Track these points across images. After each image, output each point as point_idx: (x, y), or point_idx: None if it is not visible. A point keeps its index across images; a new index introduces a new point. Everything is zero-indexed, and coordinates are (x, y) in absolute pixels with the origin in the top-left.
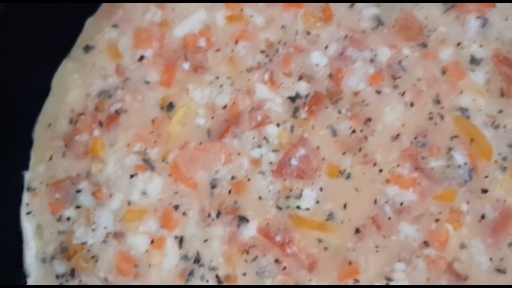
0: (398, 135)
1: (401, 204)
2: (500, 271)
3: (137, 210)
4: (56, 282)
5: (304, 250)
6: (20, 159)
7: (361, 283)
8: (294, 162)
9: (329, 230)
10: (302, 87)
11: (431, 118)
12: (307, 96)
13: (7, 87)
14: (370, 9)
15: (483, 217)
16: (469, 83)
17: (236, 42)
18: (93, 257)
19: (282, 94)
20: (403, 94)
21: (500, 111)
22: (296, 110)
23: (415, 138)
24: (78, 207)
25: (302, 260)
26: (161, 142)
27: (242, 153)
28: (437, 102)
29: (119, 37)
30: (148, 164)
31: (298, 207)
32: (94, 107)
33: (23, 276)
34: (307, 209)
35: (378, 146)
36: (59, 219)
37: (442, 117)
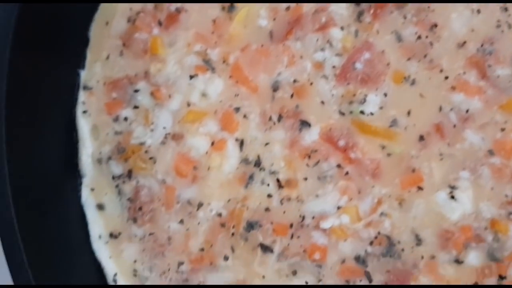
0: (464, 42)
1: (467, 111)
2: None
3: (197, 111)
4: (112, 183)
5: (367, 155)
6: (77, 57)
7: (425, 191)
8: (358, 66)
9: (392, 136)
10: None
11: (498, 26)
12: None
13: None
14: None
15: None
16: None
17: None
18: (151, 158)
19: None
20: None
21: None
22: (360, 14)
23: (482, 45)
24: (136, 107)
25: (366, 165)
26: (222, 43)
27: (304, 56)
28: (505, 10)
29: None
30: (208, 65)
31: (362, 112)
32: (154, 5)
33: (79, 176)
34: (371, 114)
35: (444, 52)
36: (116, 119)
37: (509, 25)
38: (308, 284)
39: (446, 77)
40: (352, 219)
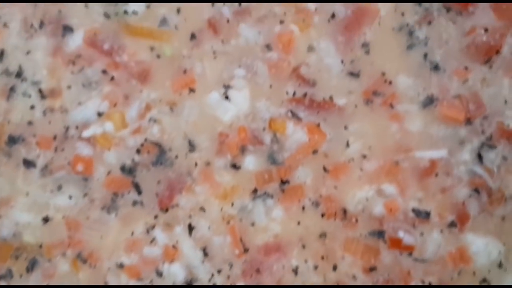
0: None
1: (240, 3)
2: (353, 74)
3: None
4: None
5: (135, 58)
6: None
7: (197, 92)
8: None
9: (161, 36)
10: None
11: None
12: None
13: None
14: None
15: (333, 15)
16: None
17: None
18: None
19: None
20: None
21: None
22: None
23: None
24: None
25: (131, 69)
26: None
27: None
28: None
29: None
30: None
31: (125, 12)
32: None
33: None
34: (135, 13)
35: None
36: None
37: None
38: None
39: None
40: (117, 126)
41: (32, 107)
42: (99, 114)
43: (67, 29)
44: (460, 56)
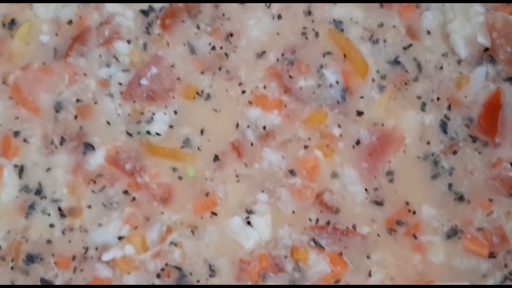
0: (263, 52)
1: (264, 128)
2: (377, 202)
3: None
4: None
5: (157, 179)
6: None
7: (219, 215)
8: (144, 82)
9: (184, 158)
10: None
11: (301, 33)
12: (161, 9)
13: None
14: None
15: (358, 142)
16: None
17: None
18: None
19: (134, 8)
20: (269, 6)
21: (380, 24)
22: (149, 25)
23: (283, 54)
24: None
25: (153, 190)
26: (1, 62)
27: (88, 74)
28: (308, 13)
29: None
30: None
31: (148, 132)
32: None
33: None
34: (158, 134)
35: (241, 64)
36: None
37: (313, 30)
38: None
39: (244, 91)
40: (137, 250)
41: (51, 226)
42: (120, 238)
43: (89, 147)
44: (485, 188)
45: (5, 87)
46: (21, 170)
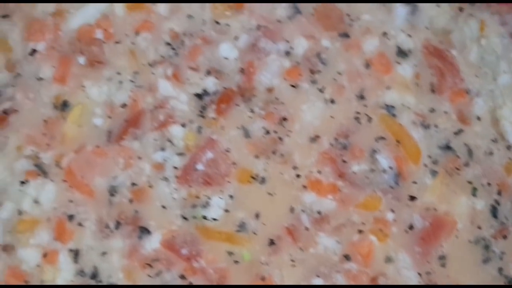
0: (317, 136)
1: (319, 213)
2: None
3: (29, 220)
4: None
5: (213, 263)
6: None
7: None
8: (200, 167)
9: (239, 242)
10: (210, 83)
11: (354, 117)
12: (216, 93)
13: None
14: None
15: (411, 227)
16: (395, 78)
17: (137, 33)
18: None
19: (188, 91)
20: (322, 90)
21: (431, 110)
22: (203, 108)
23: (336, 139)
24: None
25: (210, 275)
26: (54, 144)
27: (143, 157)
28: (361, 98)
29: (9, 28)
30: (40, 169)
31: (204, 217)
32: None
33: None
34: (215, 219)
35: (295, 148)
36: None
37: (366, 115)
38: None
39: (298, 175)
40: None
41: None
42: None
43: (144, 231)
44: None
45: (58, 170)
46: (76, 255)
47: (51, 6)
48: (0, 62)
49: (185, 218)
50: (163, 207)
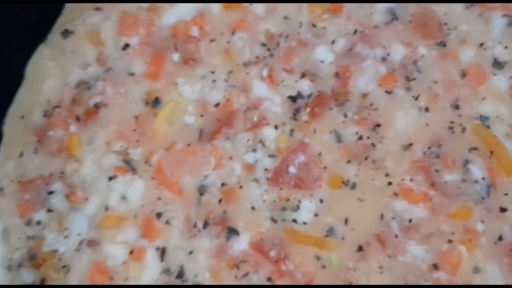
0: (410, 144)
1: (410, 221)
2: None
3: (115, 216)
4: None
5: (300, 267)
6: None
7: None
8: (292, 169)
9: (328, 247)
10: (305, 86)
11: (448, 127)
12: (309, 96)
13: None
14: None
15: (500, 238)
16: (491, 89)
17: (233, 32)
18: (64, 266)
19: (282, 93)
20: (417, 97)
21: None
22: (297, 111)
23: (429, 148)
24: (50, 210)
25: (297, 278)
26: (144, 141)
27: (234, 158)
28: (455, 107)
29: (102, 22)
30: (129, 166)
31: (294, 220)
32: (72, 99)
33: None
34: (305, 223)
35: (387, 155)
36: (28, 223)
37: (460, 125)
38: None
39: (390, 183)
40: None
41: None
42: None
43: (233, 232)
44: None
45: (147, 167)
46: (162, 253)
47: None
48: (91, 56)
49: (274, 221)
50: (253, 208)
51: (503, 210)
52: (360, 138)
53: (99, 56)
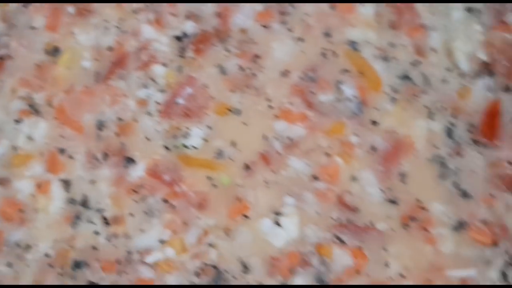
0: (287, 71)
1: (290, 139)
2: (392, 201)
3: (23, 155)
4: None
5: (193, 188)
6: None
7: (251, 218)
8: (180, 101)
9: (218, 167)
10: (189, 27)
11: (321, 53)
12: (194, 35)
13: None
14: None
15: (373, 148)
16: (358, 16)
17: None
18: None
19: (169, 34)
20: (292, 29)
21: (391, 44)
22: (183, 49)
23: (305, 73)
24: None
25: (191, 198)
26: (46, 86)
27: (128, 95)
28: (327, 35)
29: None
30: (33, 109)
31: (185, 146)
32: None
33: None
34: (195, 147)
35: (268, 82)
36: None
37: (332, 51)
38: None
39: (271, 107)
40: (177, 252)
41: (96, 233)
42: (161, 241)
43: (130, 161)
44: (487, 185)
45: (49, 108)
46: (67, 184)
47: None
48: None
49: (167, 148)
50: (147, 138)
51: (374, 123)
52: (242, 69)
53: (3, 14)
